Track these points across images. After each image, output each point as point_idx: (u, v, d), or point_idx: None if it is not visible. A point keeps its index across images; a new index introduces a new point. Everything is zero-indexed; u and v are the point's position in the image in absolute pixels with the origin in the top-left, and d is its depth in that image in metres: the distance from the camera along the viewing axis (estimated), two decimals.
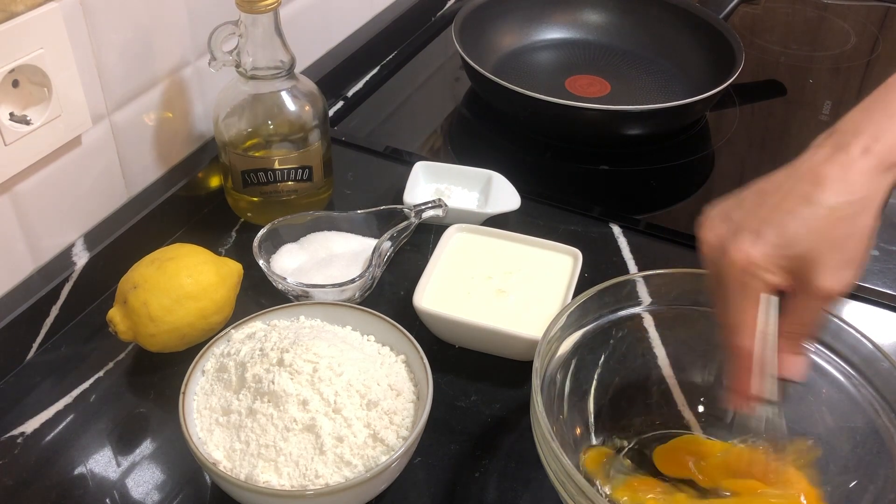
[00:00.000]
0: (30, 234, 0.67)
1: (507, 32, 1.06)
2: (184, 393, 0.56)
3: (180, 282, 0.64)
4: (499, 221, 0.79)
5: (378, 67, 1.06)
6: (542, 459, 0.51)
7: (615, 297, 0.59)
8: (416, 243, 0.78)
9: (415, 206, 0.75)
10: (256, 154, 0.75)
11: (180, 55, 0.77)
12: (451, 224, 0.74)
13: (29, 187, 0.66)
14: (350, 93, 1.01)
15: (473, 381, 0.66)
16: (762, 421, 0.53)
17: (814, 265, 0.46)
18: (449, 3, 1.21)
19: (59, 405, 0.64)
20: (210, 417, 0.56)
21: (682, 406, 0.60)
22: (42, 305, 0.67)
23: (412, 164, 0.83)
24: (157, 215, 0.76)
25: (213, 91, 0.79)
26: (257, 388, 0.55)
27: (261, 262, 0.70)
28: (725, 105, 1.00)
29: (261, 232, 0.72)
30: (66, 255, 0.70)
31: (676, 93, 0.97)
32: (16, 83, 0.61)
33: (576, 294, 0.64)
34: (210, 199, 0.82)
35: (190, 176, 0.79)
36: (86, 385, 0.65)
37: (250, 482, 0.52)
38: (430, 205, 0.75)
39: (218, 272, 0.66)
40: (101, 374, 0.66)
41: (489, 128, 0.97)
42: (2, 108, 0.61)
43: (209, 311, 0.65)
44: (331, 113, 0.96)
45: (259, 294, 0.72)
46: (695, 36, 1.02)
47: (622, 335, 0.59)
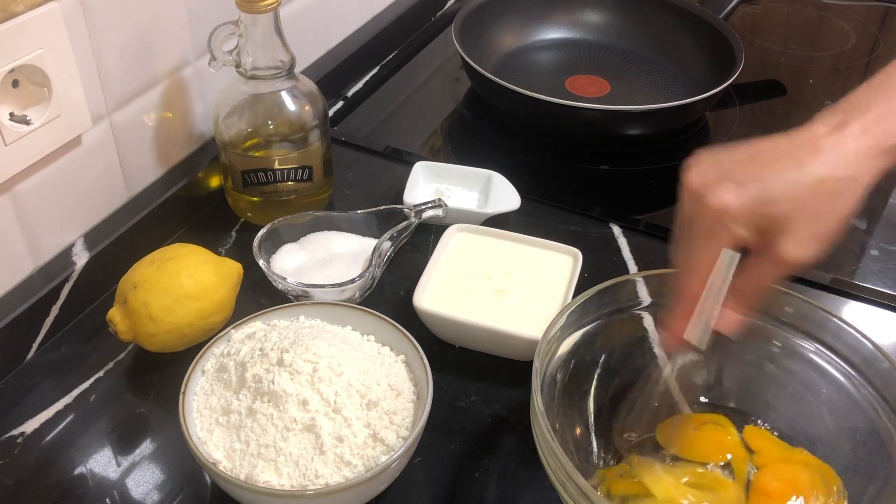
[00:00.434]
0: (30, 234, 0.67)
1: (507, 32, 1.06)
2: (184, 393, 0.56)
3: (180, 282, 0.64)
4: (499, 221, 0.79)
5: (378, 67, 1.06)
6: (542, 459, 0.51)
7: (615, 297, 0.59)
8: (416, 243, 0.78)
9: (415, 206, 0.75)
10: (256, 154, 0.75)
11: (180, 55, 0.77)
12: (451, 224, 0.74)
13: (29, 187, 0.66)
14: (350, 93, 1.01)
15: (473, 381, 0.66)
16: (676, 366, 0.55)
17: (785, 230, 0.47)
18: (449, 3, 1.21)
19: (59, 405, 0.64)
20: (210, 417, 0.56)
21: (683, 406, 0.60)
22: (42, 305, 0.67)
23: (412, 164, 0.83)
24: (157, 215, 0.76)
25: (213, 91, 0.79)
26: (257, 388, 0.55)
27: (261, 262, 0.70)
28: (725, 105, 1.00)
29: (261, 232, 0.72)
30: (66, 255, 0.70)
31: (676, 93, 0.97)
32: (16, 83, 0.61)
33: (576, 294, 0.64)
34: (210, 199, 0.82)
35: (190, 176, 0.79)
36: (86, 385, 0.65)
37: (250, 482, 0.52)
38: (430, 205, 0.75)
39: (218, 272, 0.66)
40: (101, 374, 0.66)
41: (489, 128, 0.97)
42: (2, 108, 0.61)
43: (209, 311, 0.65)
44: (331, 113, 0.96)
45: (259, 294, 0.72)
46: (695, 36, 1.02)
47: (622, 335, 0.59)
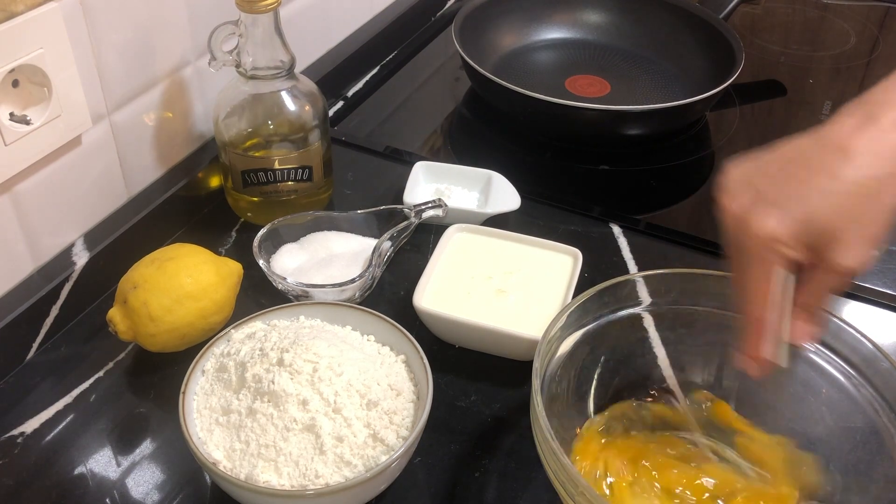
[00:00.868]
0: (30, 234, 0.67)
1: (507, 32, 1.06)
2: (184, 393, 0.56)
3: (180, 282, 0.64)
4: (499, 221, 0.79)
5: (378, 67, 1.06)
6: (542, 459, 0.51)
7: (615, 297, 0.59)
8: (416, 243, 0.78)
9: (415, 206, 0.74)
10: (256, 154, 0.75)
11: (180, 55, 0.77)
12: (451, 224, 0.74)
13: (29, 187, 0.66)
14: (350, 93, 1.01)
15: (473, 381, 0.66)
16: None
17: (834, 241, 0.46)
18: (449, 3, 1.21)
19: (59, 405, 0.64)
20: (210, 417, 0.56)
21: (683, 406, 0.60)
22: (42, 305, 0.67)
23: (412, 164, 0.83)
24: (157, 215, 0.76)
25: (213, 91, 0.79)
26: (257, 387, 0.55)
27: (261, 262, 0.70)
28: (725, 105, 1.00)
29: (261, 232, 0.72)
30: (66, 255, 0.70)
31: (676, 93, 0.97)
32: (16, 83, 0.61)
33: (576, 294, 0.64)
34: (210, 199, 0.82)
35: (190, 176, 0.79)
36: (86, 385, 0.65)
37: (250, 482, 0.52)
38: (430, 205, 0.75)
39: (218, 272, 0.66)
40: (101, 374, 0.66)
41: (489, 128, 0.97)
42: (2, 108, 0.61)
43: (209, 311, 0.65)
44: (331, 113, 0.96)
45: (259, 294, 0.72)
46: (695, 36, 1.02)
47: (622, 335, 0.59)
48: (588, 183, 0.90)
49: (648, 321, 0.60)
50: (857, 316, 0.73)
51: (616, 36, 1.07)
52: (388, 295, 0.73)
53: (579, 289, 0.63)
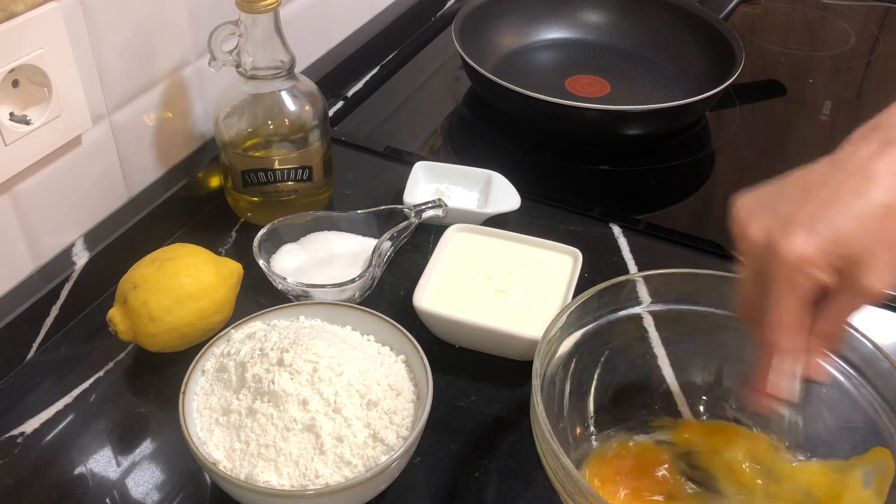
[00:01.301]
0: (30, 234, 0.67)
1: (507, 32, 1.06)
2: (184, 393, 0.56)
3: (180, 282, 0.64)
4: (499, 221, 0.79)
5: (378, 67, 1.06)
6: (542, 459, 0.50)
7: (615, 297, 0.59)
8: (416, 243, 0.78)
9: (415, 206, 0.74)
10: (256, 154, 0.75)
11: (180, 55, 0.77)
12: (451, 224, 0.74)
13: (29, 187, 0.66)
14: (350, 93, 1.01)
15: (473, 381, 0.66)
16: (783, 420, 0.52)
17: (863, 264, 0.44)
18: (449, 3, 1.21)
19: (59, 405, 0.64)
20: (210, 417, 0.56)
21: (683, 406, 0.60)
22: (42, 305, 0.67)
23: (412, 164, 0.83)
24: (157, 215, 0.76)
25: (213, 91, 0.79)
26: (257, 387, 0.55)
27: (261, 262, 0.70)
28: (725, 105, 1.00)
29: (261, 232, 0.72)
30: (66, 255, 0.70)
31: (676, 93, 0.97)
32: (16, 83, 0.61)
33: (576, 294, 0.64)
34: (210, 199, 0.82)
35: (190, 176, 0.79)
36: (86, 385, 0.65)
37: (250, 482, 0.52)
38: (430, 205, 0.75)
39: (218, 272, 0.66)
40: (101, 374, 0.66)
41: (489, 128, 0.97)
42: (2, 108, 0.61)
43: (209, 311, 0.65)
44: (331, 113, 0.96)
45: (259, 294, 0.72)
46: (695, 36, 1.02)
47: (622, 335, 0.59)
48: (588, 183, 0.90)
49: (648, 321, 0.60)
50: (857, 316, 0.72)
51: (616, 36, 1.07)
52: (388, 295, 0.73)
53: (579, 289, 0.63)
